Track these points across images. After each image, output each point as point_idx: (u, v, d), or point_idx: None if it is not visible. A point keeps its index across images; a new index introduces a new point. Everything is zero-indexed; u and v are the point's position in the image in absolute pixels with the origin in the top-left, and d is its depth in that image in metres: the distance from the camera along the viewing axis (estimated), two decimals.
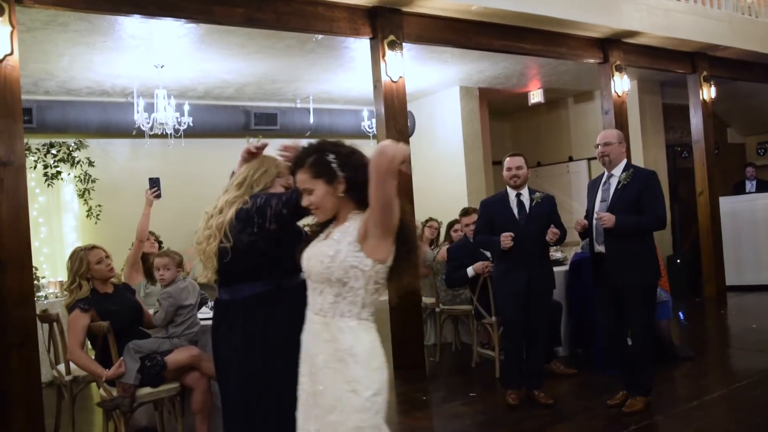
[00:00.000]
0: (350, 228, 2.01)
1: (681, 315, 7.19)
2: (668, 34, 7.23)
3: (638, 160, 9.12)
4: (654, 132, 9.77)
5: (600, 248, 4.05)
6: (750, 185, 9.67)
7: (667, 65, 7.87)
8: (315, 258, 2.02)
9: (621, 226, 3.86)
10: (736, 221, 8.77)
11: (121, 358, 3.52)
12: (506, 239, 4.14)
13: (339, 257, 1.96)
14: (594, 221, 4.06)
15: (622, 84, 7.19)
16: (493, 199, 4.55)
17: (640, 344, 3.97)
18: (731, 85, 9.53)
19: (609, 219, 3.86)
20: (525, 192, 4.35)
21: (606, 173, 4.14)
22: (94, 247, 3.79)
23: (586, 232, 4.18)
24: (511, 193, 4.34)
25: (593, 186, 4.26)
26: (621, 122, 7.26)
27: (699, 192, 8.28)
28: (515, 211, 4.29)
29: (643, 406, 3.95)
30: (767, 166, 11.23)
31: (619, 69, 7.15)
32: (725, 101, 10.04)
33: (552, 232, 4.18)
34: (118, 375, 3.51)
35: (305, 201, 2.08)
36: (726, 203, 8.64)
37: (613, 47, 7.14)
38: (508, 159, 4.39)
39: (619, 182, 4.01)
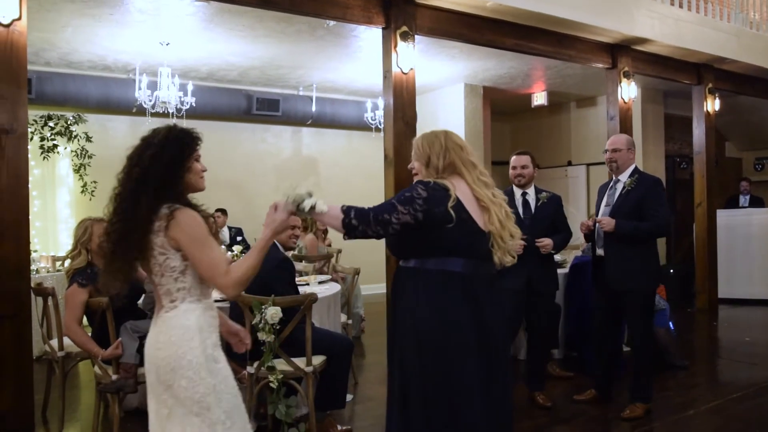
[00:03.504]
0: None
1: (671, 324, 7.20)
2: (677, 43, 7.23)
3: None
4: (655, 141, 9.78)
5: (600, 252, 4.08)
6: (743, 200, 9.71)
7: (674, 75, 7.87)
8: None
9: (620, 231, 3.88)
10: (730, 234, 8.81)
11: (119, 339, 3.45)
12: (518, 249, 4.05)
13: None
14: (596, 224, 4.08)
15: (629, 90, 7.18)
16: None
17: (640, 351, 4.00)
18: (733, 98, 9.56)
19: (608, 223, 3.90)
20: (531, 191, 4.30)
21: (614, 178, 4.16)
22: (102, 221, 3.71)
23: (590, 235, 4.18)
24: (517, 192, 4.29)
25: (602, 190, 4.28)
26: (625, 129, 7.25)
27: (697, 203, 8.30)
28: (520, 210, 4.23)
29: (642, 412, 3.95)
30: (763, 182, 11.30)
31: (627, 75, 7.14)
32: (726, 115, 10.06)
33: (542, 245, 4.12)
34: (114, 356, 3.43)
35: None
36: (722, 216, 8.67)
37: (622, 53, 7.13)
38: (514, 157, 4.33)
39: (623, 187, 4.04)
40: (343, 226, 2.16)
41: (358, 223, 2.16)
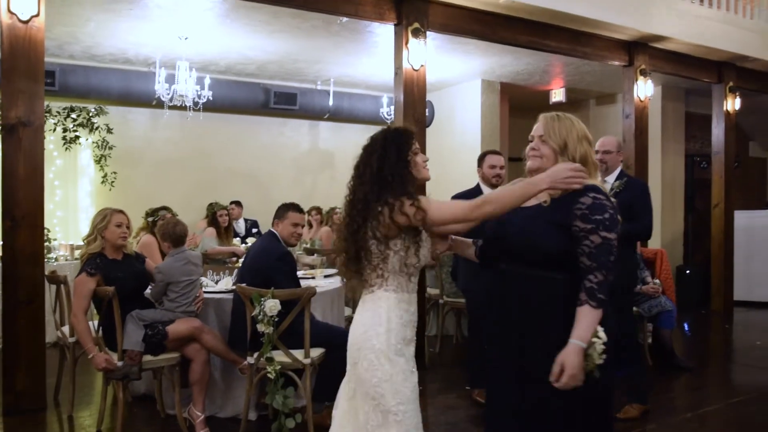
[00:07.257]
0: None
1: (686, 326, 7.15)
2: (697, 41, 7.13)
3: (656, 168, 9.03)
4: (675, 140, 9.65)
5: None
6: None
7: (693, 73, 7.76)
8: None
9: None
10: (750, 236, 8.68)
11: (117, 363, 3.54)
12: None
13: None
14: None
15: (645, 89, 7.12)
16: (466, 194, 4.37)
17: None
18: (758, 97, 9.37)
19: None
20: None
21: (600, 179, 4.16)
22: (121, 212, 3.83)
23: None
24: (486, 191, 4.25)
25: None
26: (641, 127, 7.20)
27: (714, 204, 8.20)
28: None
29: (638, 413, 3.96)
30: None
31: (643, 73, 7.07)
32: (750, 114, 9.88)
33: None
34: (101, 366, 3.52)
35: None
36: (741, 217, 8.54)
37: (639, 51, 7.06)
38: (491, 156, 4.34)
39: (611, 189, 4.05)
40: (602, 304, 1.98)
41: (605, 289, 2.00)
